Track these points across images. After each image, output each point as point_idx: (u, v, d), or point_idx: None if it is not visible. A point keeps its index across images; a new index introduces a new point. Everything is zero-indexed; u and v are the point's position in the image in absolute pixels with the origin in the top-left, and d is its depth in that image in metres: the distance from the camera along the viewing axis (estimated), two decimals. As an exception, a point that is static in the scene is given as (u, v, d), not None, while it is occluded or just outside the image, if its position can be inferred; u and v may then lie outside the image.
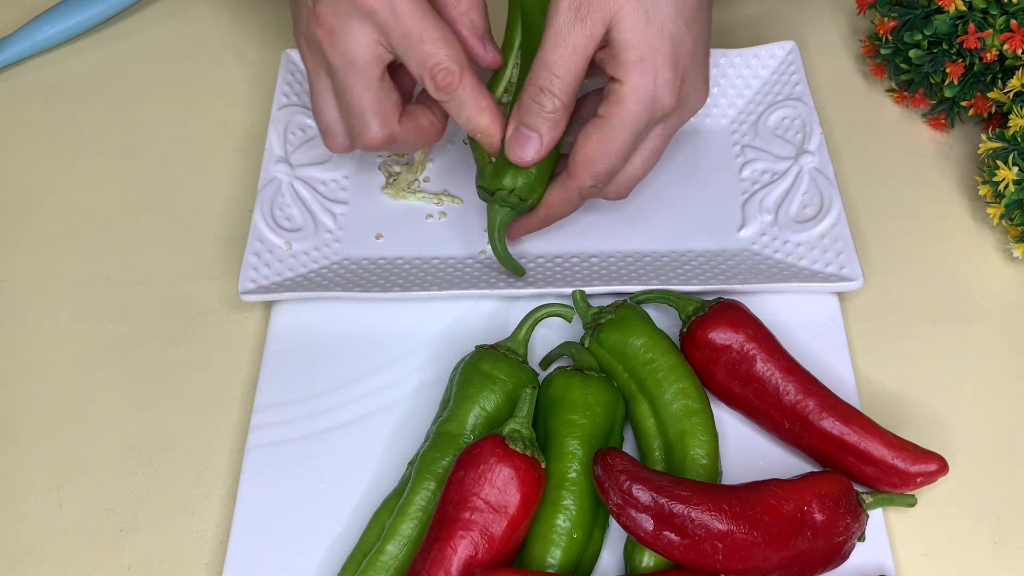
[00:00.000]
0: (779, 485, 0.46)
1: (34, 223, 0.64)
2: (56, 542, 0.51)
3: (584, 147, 0.52)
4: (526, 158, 0.53)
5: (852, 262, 0.57)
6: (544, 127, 0.52)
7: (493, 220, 0.56)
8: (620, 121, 0.51)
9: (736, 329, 0.51)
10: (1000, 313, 0.58)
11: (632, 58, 0.50)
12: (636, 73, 0.50)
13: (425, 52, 0.50)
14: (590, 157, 0.52)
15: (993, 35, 0.61)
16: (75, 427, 0.55)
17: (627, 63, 0.50)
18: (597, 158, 0.52)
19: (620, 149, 0.52)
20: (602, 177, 0.53)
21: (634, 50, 0.50)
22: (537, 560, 0.46)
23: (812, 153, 0.62)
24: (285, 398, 0.54)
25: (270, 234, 0.59)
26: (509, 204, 0.55)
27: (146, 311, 0.59)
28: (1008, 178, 0.57)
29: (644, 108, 0.51)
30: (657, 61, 0.50)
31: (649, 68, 0.50)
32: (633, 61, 0.50)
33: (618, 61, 0.50)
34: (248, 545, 0.50)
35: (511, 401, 0.50)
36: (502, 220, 0.56)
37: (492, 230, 0.56)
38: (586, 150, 0.52)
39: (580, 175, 0.53)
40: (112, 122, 0.69)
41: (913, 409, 0.54)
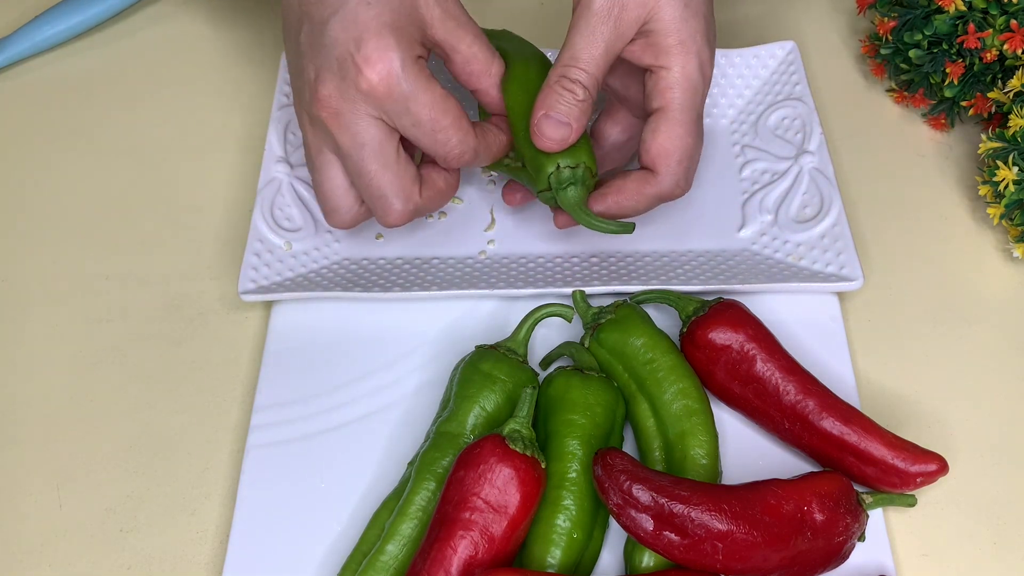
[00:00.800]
0: (779, 485, 0.46)
1: (34, 223, 0.64)
2: (56, 542, 0.51)
3: (655, 141, 0.52)
4: (556, 143, 0.52)
5: (852, 262, 0.57)
6: (573, 115, 0.51)
7: (570, 204, 0.54)
8: (679, 104, 0.52)
9: (736, 329, 0.51)
10: (1000, 313, 0.58)
11: (673, 42, 0.51)
12: (680, 55, 0.51)
13: (438, 141, 0.50)
14: (665, 148, 0.52)
15: (993, 35, 0.61)
16: (75, 427, 0.55)
17: (670, 48, 0.51)
18: (672, 148, 0.52)
19: (690, 131, 0.52)
20: (684, 165, 0.53)
21: (674, 35, 0.51)
22: (537, 560, 0.46)
23: (812, 153, 0.62)
24: (285, 398, 0.54)
25: (270, 234, 0.59)
26: (570, 181, 0.53)
27: (146, 311, 0.59)
28: (1008, 178, 0.57)
29: (697, 84, 0.52)
30: (697, 41, 0.51)
31: (691, 48, 0.51)
32: (675, 45, 0.51)
33: (659, 48, 0.51)
34: (248, 545, 0.50)
35: (511, 401, 0.50)
36: (577, 197, 0.53)
37: (577, 213, 0.54)
38: (659, 143, 0.52)
39: (662, 170, 0.53)
40: (112, 122, 0.69)
41: (913, 409, 0.55)
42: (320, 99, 0.49)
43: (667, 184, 0.53)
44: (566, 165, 0.53)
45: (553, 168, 0.53)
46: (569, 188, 0.53)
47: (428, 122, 0.50)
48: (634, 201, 0.54)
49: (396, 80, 0.48)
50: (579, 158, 0.53)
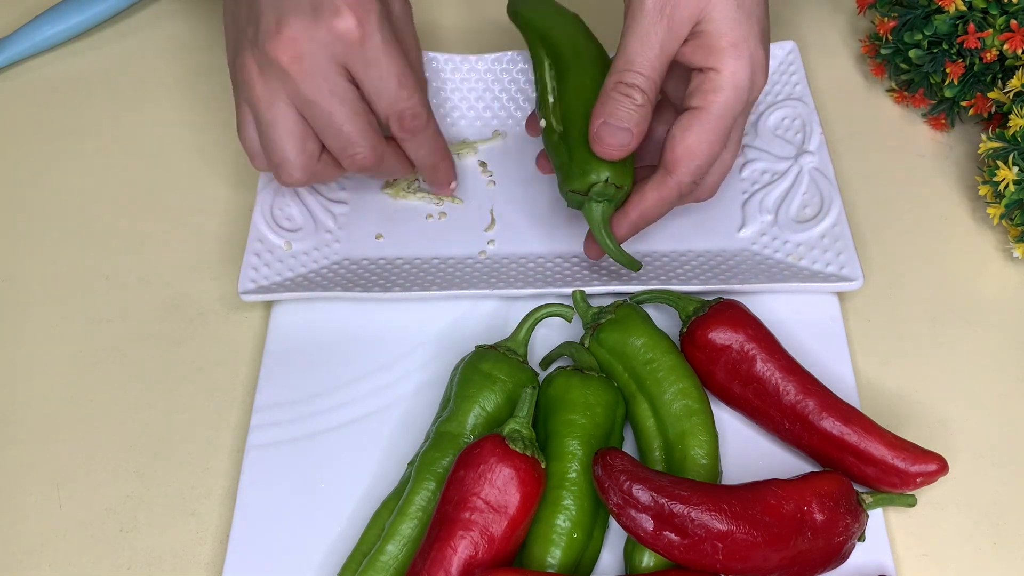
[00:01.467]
0: (779, 485, 0.46)
1: (34, 223, 0.64)
2: (56, 542, 0.51)
3: (684, 140, 0.51)
4: (617, 149, 0.52)
5: (852, 262, 0.57)
6: (633, 120, 0.51)
7: (595, 218, 0.54)
8: (720, 108, 0.51)
9: (736, 329, 0.51)
10: (1000, 313, 0.58)
11: (725, 44, 0.50)
12: (732, 58, 0.50)
13: (400, 96, 0.50)
14: (691, 150, 0.51)
15: (993, 35, 0.61)
16: (75, 427, 0.55)
17: (722, 50, 0.50)
18: (698, 151, 0.51)
19: (720, 138, 0.52)
20: (703, 170, 0.52)
21: (727, 36, 0.50)
22: (537, 560, 0.46)
23: (812, 153, 0.62)
24: (285, 398, 0.54)
25: (270, 234, 0.59)
26: (606, 197, 0.53)
27: (146, 311, 0.59)
28: (1008, 178, 0.57)
29: (743, 91, 0.51)
30: (751, 44, 0.50)
31: (744, 52, 0.50)
32: (727, 47, 0.50)
33: (711, 49, 0.50)
34: (248, 545, 0.50)
35: (511, 401, 0.50)
36: (604, 215, 0.54)
37: (598, 229, 0.54)
38: (686, 143, 0.51)
39: (680, 171, 0.52)
40: (112, 122, 0.69)
41: (913, 409, 0.54)
42: (283, 40, 0.48)
43: (686, 183, 0.52)
44: (612, 183, 0.53)
45: (600, 180, 0.53)
46: (602, 203, 0.53)
47: (396, 75, 0.49)
48: (656, 208, 0.54)
49: (371, 28, 0.48)
50: (625, 180, 0.53)
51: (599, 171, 0.53)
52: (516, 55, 0.67)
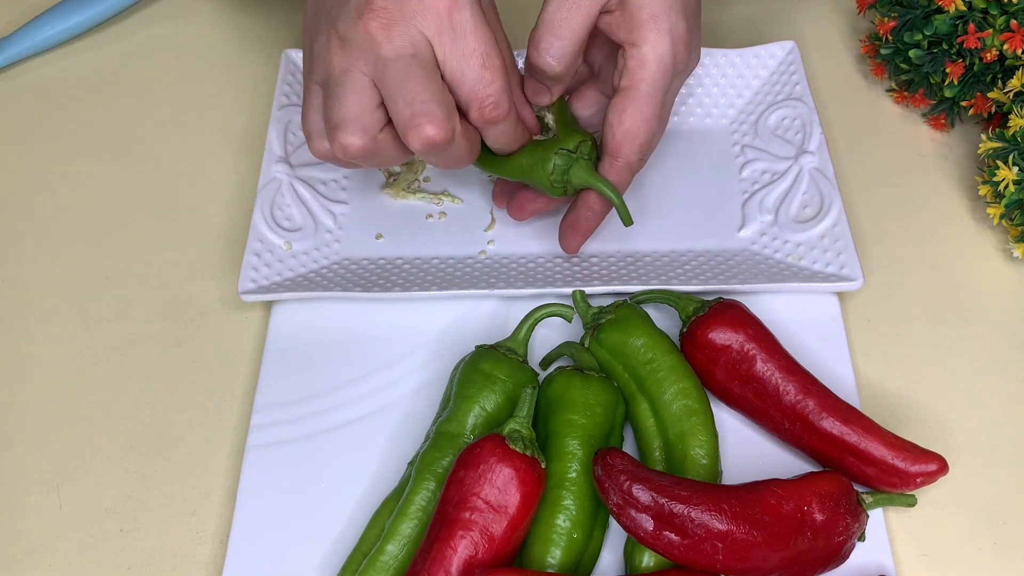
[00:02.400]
0: (779, 485, 0.46)
1: (34, 223, 0.64)
2: (56, 542, 0.51)
3: (622, 124, 0.52)
4: (538, 103, 0.54)
5: (852, 262, 0.57)
6: (549, 83, 0.53)
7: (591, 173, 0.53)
8: (648, 86, 0.51)
9: (736, 329, 0.51)
10: (1000, 313, 0.58)
11: (646, 16, 0.50)
12: (653, 31, 0.50)
13: (484, 79, 0.48)
14: (631, 132, 0.52)
15: (993, 35, 0.61)
16: (75, 427, 0.55)
17: (642, 22, 0.50)
18: (637, 131, 0.52)
19: (656, 114, 0.52)
20: (647, 147, 0.53)
21: (647, 7, 0.50)
22: (537, 560, 0.46)
23: (812, 153, 0.62)
24: (285, 398, 0.54)
25: (270, 234, 0.59)
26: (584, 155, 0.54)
27: (146, 311, 0.59)
28: (1008, 178, 0.57)
29: (667, 65, 0.51)
30: (672, 16, 0.50)
31: (664, 24, 0.50)
32: (647, 19, 0.50)
33: (632, 21, 0.50)
34: (248, 545, 0.50)
35: (511, 401, 0.50)
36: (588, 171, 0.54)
37: (598, 181, 0.53)
38: (625, 126, 0.52)
39: (625, 153, 0.53)
40: (112, 122, 0.69)
41: (913, 409, 0.54)
42: (373, 10, 0.46)
43: (635, 162, 0.53)
44: (565, 149, 0.53)
45: (551, 163, 0.53)
46: (587, 160, 0.54)
47: (481, 55, 0.47)
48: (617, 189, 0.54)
49: (462, 2, 0.47)
50: (574, 140, 0.54)
51: (551, 151, 0.53)
52: (515, 55, 0.67)
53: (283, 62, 0.66)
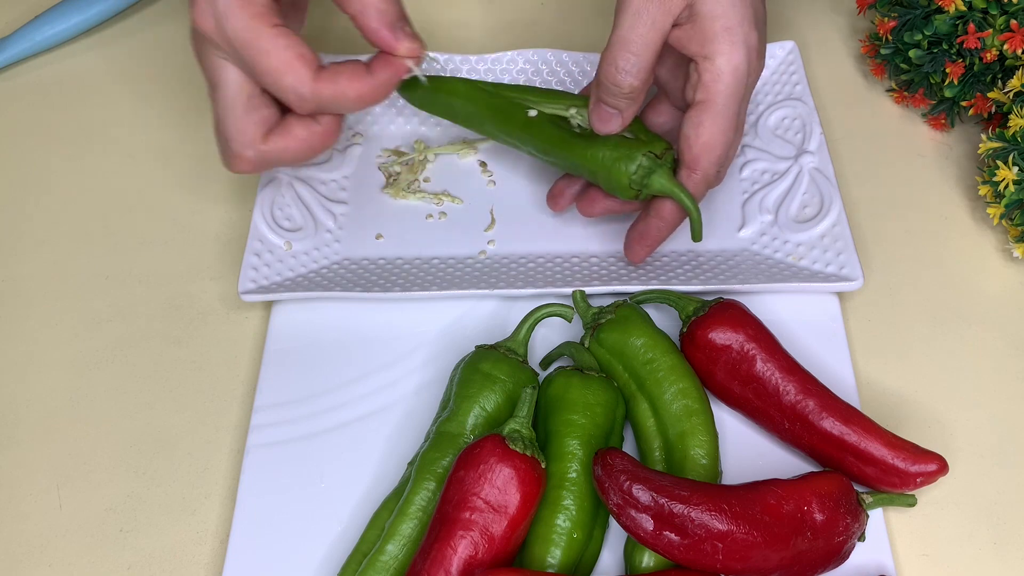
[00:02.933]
0: (779, 485, 0.46)
1: (34, 223, 0.64)
2: (56, 542, 0.51)
3: (699, 138, 0.52)
4: (610, 131, 0.53)
5: (852, 262, 0.57)
6: (623, 104, 0.52)
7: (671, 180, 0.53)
8: (724, 98, 0.51)
9: (736, 329, 0.51)
10: (1000, 313, 0.58)
11: (719, 28, 0.50)
12: (727, 44, 0.50)
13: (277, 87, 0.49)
14: (708, 145, 0.52)
15: (993, 35, 0.61)
16: (75, 427, 0.55)
17: (716, 35, 0.50)
18: (715, 144, 0.52)
19: (732, 126, 0.52)
20: (724, 159, 0.53)
21: (720, 20, 0.50)
22: (537, 560, 0.46)
23: (812, 153, 0.62)
24: (285, 398, 0.54)
25: (270, 234, 0.59)
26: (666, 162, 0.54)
27: (146, 311, 0.59)
28: (1008, 178, 0.57)
29: (742, 76, 0.51)
30: (744, 28, 0.50)
31: (738, 36, 0.50)
32: (721, 31, 0.50)
33: (704, 34, 0.50)
34: (248, 545, 0.50)
35: (511, 401, 0.50)
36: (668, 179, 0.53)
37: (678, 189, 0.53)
38: (702, 140, 0.52)
39: (703, 166, 0.52)
40: (112, 122, 0.69)
41: (913, 409, 0.54)
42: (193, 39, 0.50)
43: (712, 176, 0.53)
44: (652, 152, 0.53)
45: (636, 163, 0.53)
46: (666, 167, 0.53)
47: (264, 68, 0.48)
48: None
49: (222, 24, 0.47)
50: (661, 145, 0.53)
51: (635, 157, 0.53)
52: (516, 55, 0.67)
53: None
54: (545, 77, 0.67)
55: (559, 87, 0.66)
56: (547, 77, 0.67)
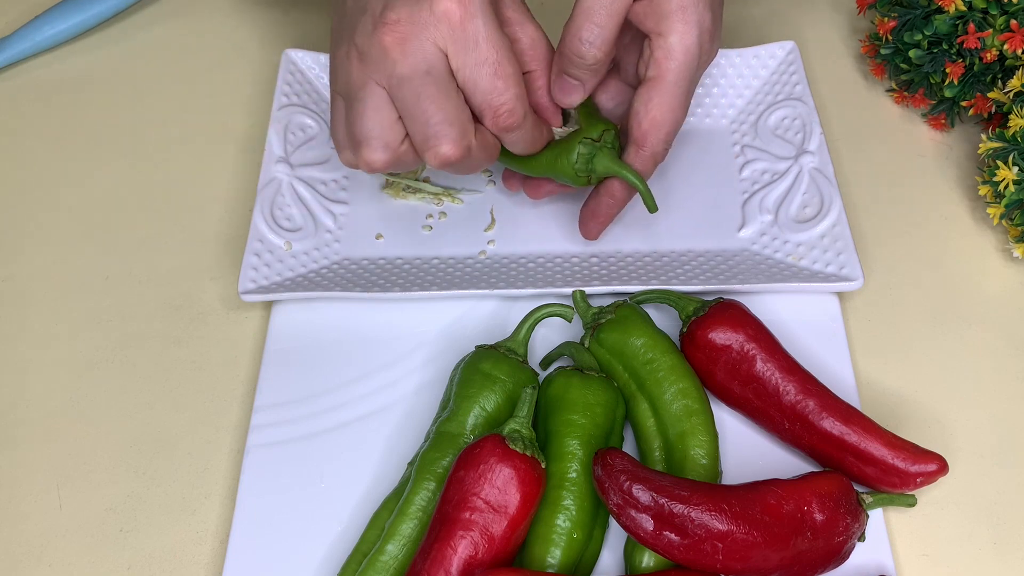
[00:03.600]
0: (779, 485, 0.46)
1: (34, 223, 0.64)
2: (56, 542, 0.51)
3: (648, 113, 0.52)
4: (571, 102, 0.53)
5: (852, 262, 0.57)
6: (586, 75, 0.52)
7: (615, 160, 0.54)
8: (675, 76, 0.52)
9: (736, 329, 0.51)
10: (1000, 313, 0.58)
11: (675, 6, 0.50)
12: (680, 22, 0.51)
13: (496, 88, 0.48)
14: (657, 121, 0.52)
15: (993, 35, 0.61)
16: (75, 427, 0.55)
17: (670, 13, 0.51)
18: (664, 120, 0.52)
19: (682, 104, 0.53)
20: (672, 137, 0.53)
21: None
22: (537, 560, 0.46)
23: (812, 153, 0.62)
24: (285, 398, 0.54)
25: (270, 234, 0.59)
26: (608, 143, 0.54)
27: (146, 311, 0.59)
28: (1008, 178, 0.57)
29: (693, 56, 0.51)
30: (700, 8, 0.51)
31: (692, 15, 0.51)
32: (675, 10, 0.50)
33: (660, 11, 0.51)
34: (248, 545, 0.50)
35: (511, 401, 0.50)
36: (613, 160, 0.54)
37: (621, 167, 0.54)
38: (652, 116, 0.52)
39: (651, 142, 0.53)
40: (112, 122, 0.69)
41: (913, 409, 0.54)
42: (387, 23, 0.47)
43: (660, 152, 0.54)
44: (588, 138, 0.53)
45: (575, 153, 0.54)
46: (610, 148, 0.54)
47: (493, 64, 0.48)
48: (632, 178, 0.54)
49: (473, 10, 0.47)
50: (597, 129, 0.54)
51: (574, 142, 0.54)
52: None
53: (283, 62, 0.66)
54: (545, 77, 0.67)
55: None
56: (547, 77, 0.67)
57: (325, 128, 0.65)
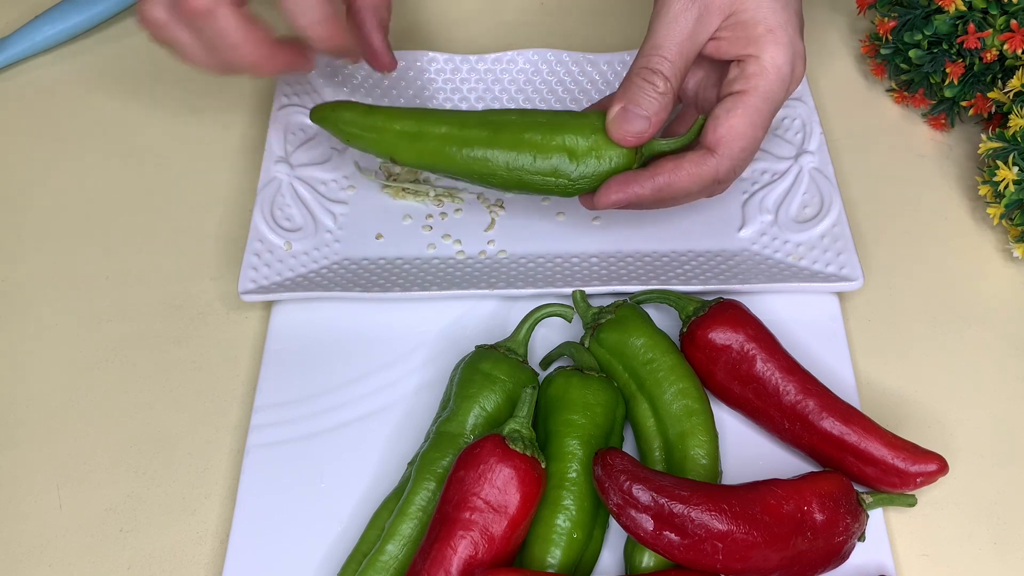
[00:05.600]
0: (779, 485, 0.46)
1: (34, 223, 0.64)
2: (56, 542, 0.51)
3: (728, 121, 0.50)
4: (631, 138, 0.51)
5: (852, 262, 0.57)
6: (654, 108, 0.50)
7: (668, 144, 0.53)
8: (763, 91, 0.50)
9: (736, 329, 0.51)
10: (1000, 313, 0.58)
11: (763, 31, 0.50)
12: (772, 44, 0.50)
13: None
14: (735, 131, 0.50)
15: (993, 35, 0.61)
16: (75, 427, 0.55)
17: (760, 36, 0.50)
18: (742, 132, 0.51)
19: (764, 123, 0.51)
20: (745, 154, 0.51)
21: (764, 23, 0.50)
22: (537, 560, 0.46)
23: (812, 153, 0.62)
24: (285, 398, 0.54)
25: (270, 234, 0.59)
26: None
27: (146, 311, 0.59)
28: (1008, 178, 0.57)
29: (785, 76, 0.51)
30: (789, 31, 0.50)
31: (784, 38, 0.50)
32: (765, 33, 0.50)
33: (748, 38, 0.50)
34: (248, 545, 0.50)
35: (511, 401, 0.50)
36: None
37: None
38: (730, 123, 0.50)
39: (722, 151, 0.51)
40: (112, 122, 0.69)
41: (913, 409, 0.54)
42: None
43: (725, 168, 0.51)
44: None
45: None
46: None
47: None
48: (687, 183, 0.52)
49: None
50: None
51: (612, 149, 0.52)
52: (516, 55, 0.67)
53: (283, 62, 0.66)
54: (545, 77, 0.67)
55: (559, 87, 0.66)
56: (547, 77, 0.67)
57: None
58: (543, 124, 0.54)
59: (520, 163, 0.54)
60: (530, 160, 0.54)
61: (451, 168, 0.55)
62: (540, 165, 0.54)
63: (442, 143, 0.55)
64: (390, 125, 0.56)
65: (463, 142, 0.54)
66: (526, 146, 0.54)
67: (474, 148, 0.54)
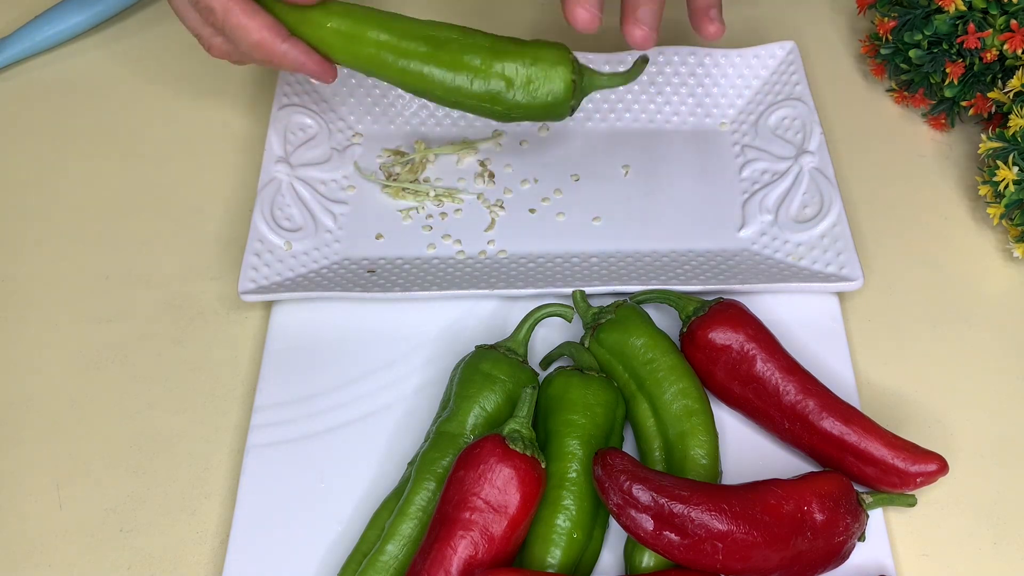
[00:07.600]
0: (779, 485, 0.46)
1: (34, 223, 0.64)
2: (56, 542, 0.51)
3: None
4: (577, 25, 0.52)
5: (852, 262, 0.57)
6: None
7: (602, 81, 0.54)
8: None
9: (736, 329, 0.51)
10: (1000, 313, 0.58)
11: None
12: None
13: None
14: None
15: (993, 35, 0.61)
16: (75, 427, 0.55)
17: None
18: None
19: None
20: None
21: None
22: (537, 560, 0.46)
23: (812, 153, 0.62)
24: (285, 398, 0.54)
25: (270, 234, 0.59)
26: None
27: (146, 311, 0.59)
28: (1008, 178, 0.57)
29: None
30: None
31: None
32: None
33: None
34: (248, 545, 0.50)
35: (511, 401, 0.50)
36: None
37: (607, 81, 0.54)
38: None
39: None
40: (112, 122, 0.69)
41: (913, 409, 0.54)
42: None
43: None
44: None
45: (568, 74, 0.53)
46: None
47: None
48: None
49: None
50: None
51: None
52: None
53: (283, 62, 0.66)
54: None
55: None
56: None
57: (325, 128, 0.65)
58: (484, 48, 0.53)
59: (457, 83, 0.53)
60: (467, 83, 0.52)
61: (387, 76, 0.54)
62: (476, 89, 0.53)
63: (379, 49, 0.53)
64: (324, 21, 0.53)
65: (401, 53, 0.53)
66: (464, 68, 0.53)
67: (412, 61, 0.53)
